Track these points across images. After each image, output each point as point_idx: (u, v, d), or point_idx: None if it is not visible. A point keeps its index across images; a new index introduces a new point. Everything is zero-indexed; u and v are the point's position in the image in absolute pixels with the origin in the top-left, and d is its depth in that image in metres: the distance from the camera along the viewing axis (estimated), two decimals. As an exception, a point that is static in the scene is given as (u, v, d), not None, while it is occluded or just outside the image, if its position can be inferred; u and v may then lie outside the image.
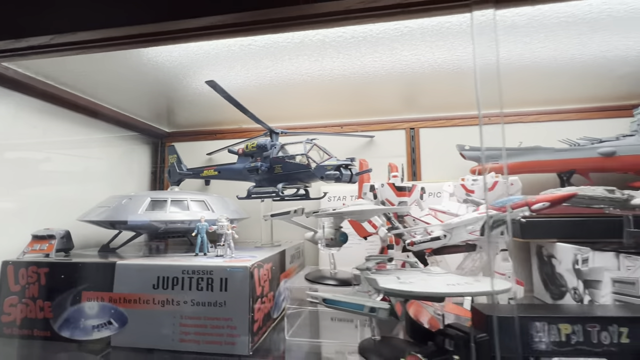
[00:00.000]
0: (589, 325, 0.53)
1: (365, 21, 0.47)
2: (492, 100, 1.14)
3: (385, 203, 0.89)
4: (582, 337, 0.53)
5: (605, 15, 0.57)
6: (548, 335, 0.54)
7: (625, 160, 0.92)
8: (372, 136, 1.19)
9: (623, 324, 0.53)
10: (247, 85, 0.90)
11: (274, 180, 0.96)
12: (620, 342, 0.53)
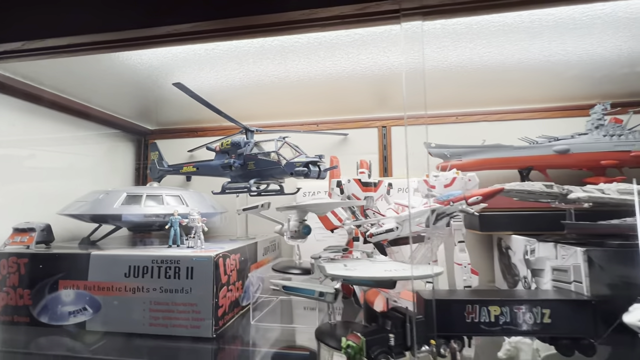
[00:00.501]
0: (516, 307, 0.59)
1: (307, 30, 0.52)
2: (463, 100, 1.20)
3: (351, 198, 0.94)
4: (509, 317, 0.59)
5: (537, 24, 0.62)
6: (479, 316, 0.59)
7: (578, 157, 0.98)
8: (346, 134, 1.24)
9: (545, 306, 0.59)
10: (219, 86, 0.94)
11: (248, 176, 1.01)
12: (542, 322, 0.59)
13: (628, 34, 0.66)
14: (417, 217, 0.69)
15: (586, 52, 0.74)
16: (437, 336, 0.59)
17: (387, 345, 0.54)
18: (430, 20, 0.49)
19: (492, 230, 0.97)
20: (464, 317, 0.59)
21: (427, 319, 0.59)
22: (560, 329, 0.58)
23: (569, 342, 0.58)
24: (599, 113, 0.99)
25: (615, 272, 0.63)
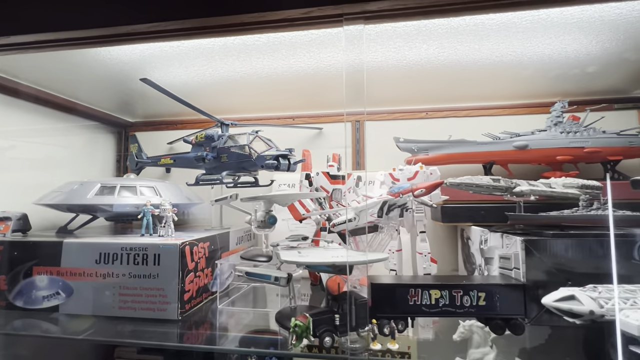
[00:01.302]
0: (455, 291, 0.64)
1: (259, 32, 0.55)
2: (431, 96, 1.23)
3: (319, 190, 0.99)
4: (448, 300, 0.64)
5: (481, 28, 0.65)
6: (421, 299, 0.65)
7: (536, 153, 1.03)
8: (321, 128, 1.27)
9: (481, 290, 0.64)
10: (192, 81, 0.97)
11: (221, 168, 1.04)
12: (478, 305, 0.64)
13: (569, 38, 0.70)
14: (371, 208, 0.74)
15: (535, 54, 0.78)
16: (382, 317, 0.64)
17: (332, 325, 0.60)
18: (371, 24, 0.53)
19: (453, 221, 1.02)
20: (408, 300, 0.64)
21: (375, 301, 0.65)
22: (493, 310, 0.64)
23: (501, 322, 0.64)
24: (558, 111, 1.04)
25: (549, 260, 0.69)
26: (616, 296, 0.52)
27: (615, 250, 0.69)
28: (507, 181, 0.76)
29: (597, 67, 0.86)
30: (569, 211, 0.74)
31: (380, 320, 0.63)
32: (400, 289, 0.65)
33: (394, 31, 0.67)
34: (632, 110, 1.13)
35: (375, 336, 0.60)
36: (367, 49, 0.75)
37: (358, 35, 0.52)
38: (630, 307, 0.51)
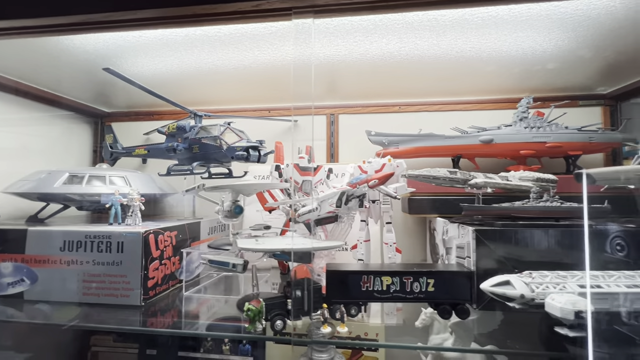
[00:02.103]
0: (405, 277, 0.67)
1: (212, 23, 0.56)
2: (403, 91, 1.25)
3: (289, 181, 1.01)
4: (399, 286, 0.67)
5: (435, 24, 0.67)
6: (373, 285, 0.67)
7: (501, 147, 1.05)
8: (296, 120, 1.29)
9: (430, 277, 0.67)
10: (162, 72, 0.97)
11: (193, 159, 1.05)
12: (427, 290, 0.67)
13: (522, 35, 0.72)
14: (330, 199, 0.76)
15: (493, 50, 0.80)
16: (336, 302, 0.67)
17: (285, 309, 0.62)
18: (321, 18, 0.54)
19: (419, 213, 1.05)
20: (360, 286, 0.67)
21: (330, 287, 0.67)
22: (441, 296, 0.67)
23: (448, 307, 0.67)
24: (524, 106, 1.07)
25: (498, 249, 0.72)
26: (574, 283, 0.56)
27: (564, 240, 0.73)
28: (463, 173, 0.79)
29: (556, 64, 0.89)
30: (520, 203, 0.77)
31: (333, 305, 0.65)
32: (353, 275, 0.67)
33: (351, 25, 0.68)
34: (597, 107, 1.16)
35: (325, 320, 0.63)
36: (329, 42, 0.76)
37: (308, 28, 0.53)
38: (559, 291, 0.54)
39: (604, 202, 0.77)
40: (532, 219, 0.76)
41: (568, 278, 0.57)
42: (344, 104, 1.27)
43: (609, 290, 0.54)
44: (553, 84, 1.10)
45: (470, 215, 0.85)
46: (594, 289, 0.54)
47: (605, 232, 0.74)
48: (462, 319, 0.67)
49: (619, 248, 0.80)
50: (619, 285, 0.55)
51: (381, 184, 0.72)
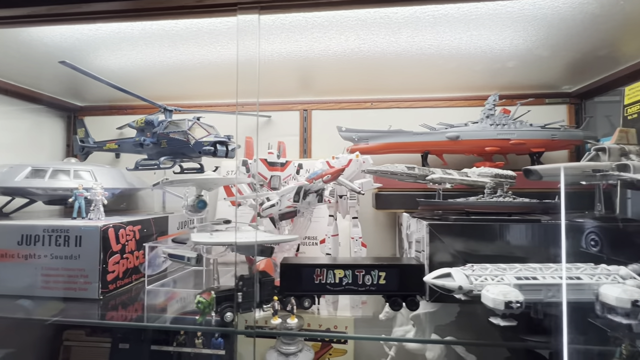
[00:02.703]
0: (357, 270, 0.69)
1: (157, 18, 0.57)
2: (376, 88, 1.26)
3: (256, 176, 1.01)
4: (351, 279, 0.69)
5: (388, 21, 0.68)
6: (326, 278, 0.69)
7: (467, 144, 1.07)
8: (269, 116, 1.29)
9: (382, 270, 0.69)
10: (130, 67, 0.97)
11: (162, 154, 1.05)
12: (378, 283, 0.69)
13: (476, 33, 0.74)
14: (288, 193, 0.77)
15: (452, 47, 0.81)
16: (289, 295, 0.68)
17: (235, 302, 0.63)
18: (266, 14, 0.55)
19: (386, 208, 1.06)
20: (314, 279, 0.69)
21: (283, 280, 0.69)
22: (392, 289, 0.69)
23: (399, 299, 0.69)
24: (490, 104, 1.09)
25: (450, 242, 0.74)
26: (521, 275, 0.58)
27: (514, 234, 0.75)
28: (421, 169, 0.81)
29: (515, 63, 0.91)
30: (474, 198, 0.79)
31: (286, 297, 0.67)
32: (307, 269, 0.68)
33: (306, 22, 0.69)
34: (562, 105, 1.19)
35: (276, 312, 0.64)
36: (288, 39, 0.77)
37: (254, 24, 0.54)
38: (496, 283, 0.56)
39: (556, 197, 0.79)
40: (487, 213, 0.78)
41: (507, 270, 0.59)
42: (318, 99, 1.27)
43: (544, 282, 0.56)
44: (520, 82, 1.12)
45: (431, 210, 0.87)
46: (529, 280, 0.56)
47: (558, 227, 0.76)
48: (412, 310, 0.69)
49: (593, 243, 0.83)
50: (554, 277, 0.57)
51: (334, 179, 0.74)
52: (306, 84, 1.21)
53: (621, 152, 0.80)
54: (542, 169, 0.69)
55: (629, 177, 0.73)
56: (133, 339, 1.22)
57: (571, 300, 0.56)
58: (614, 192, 0.86)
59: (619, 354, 0.75)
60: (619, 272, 0.60)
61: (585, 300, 0.57)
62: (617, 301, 0.53)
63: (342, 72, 1.06)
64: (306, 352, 0.96)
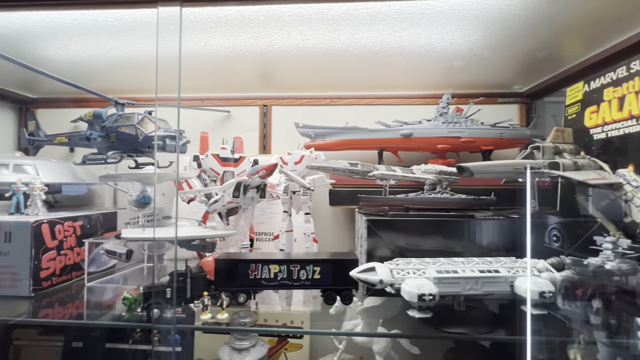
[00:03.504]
0: (292, 265, 0.69)
1: (77, 8, 0.55)
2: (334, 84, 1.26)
3: (208, 172, 1.00)
4: (286, 274, 0.69)
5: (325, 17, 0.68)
6: (261, 273, 0.69)
7: (420, 141, 1.09)
8: (228, 111, 1.28)
9: (316, 265, 0.69)
10: (79, 58, 0.94)
11: (111, 148, 1.03)
12: (313, 278, 0.69)
13: (414, 32, 0.75)
14: (227, 189, 0.77)
15: (397, 45, 0.82)
16: (224, 290, 0.68)
17: (164, 298, 0.63)
18: (188, 7, 0.54)
19: (339, 204, 1.07)
20: (248, 274, 0.69)
21: (217, 276, 0.68)
22: (327, 283, 0.70)
23: (332, 293, 0.70)
24: (444, 102, 1.11)
25: (387, 237, 0.75)
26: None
27: (449, 230, 0.77)
28: (365, 165, 0.82)
29: (462, 62, 0.93)
30: (414, 194, 0.81)
31: (220, 293, 0.67)
32: (241, 264, 0.68)
33: (242, 16, 0.68)
34: (514, 104, 1.22)
35: (205, 307, 0.64)
36: (229, 33, 0.76)
37: (188, 17, 0.53)
38: (417, 276, 0.58)
39: (491, 194, 0.82)
40: (426, 209, 0.79)
41: (430, 265, 0.61)
42: (278, 95, 1.27)
43: (463, 275, 0.58)
44: (473, 81, 1.14)
45: (372, 206, 0.88)
46: (449, 274, 0.58)
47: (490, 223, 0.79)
48: (345, 304, 0.70)
49: (555, 239, 0.86)
50: (473, 270, 0.59)
51: (268, 174, 0.74)
52: (265, 79, 1.21)
53: (555, 150, 0.84)
54: (473, 166, 0.71)
55: (558, 175, 0.76)
56: (87, 337, 1.20)
57: (488, 292, 0.58)
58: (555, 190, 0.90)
59: (576, 344, 0.79)
60: (536, 265, 0.62)
61: (501, 293, 0.59)
62: (527, 293, 0.55)
63: (299, 68, 1.06)
64: (260, 347, 0.96)
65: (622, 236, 0.72)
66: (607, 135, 0.82)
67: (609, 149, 0.82)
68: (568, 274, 0.60)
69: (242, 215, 0.80)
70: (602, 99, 0.84)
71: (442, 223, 0.76)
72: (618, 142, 0.80)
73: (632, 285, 0.63)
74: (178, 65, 0.54)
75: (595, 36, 0.83)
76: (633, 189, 0.75)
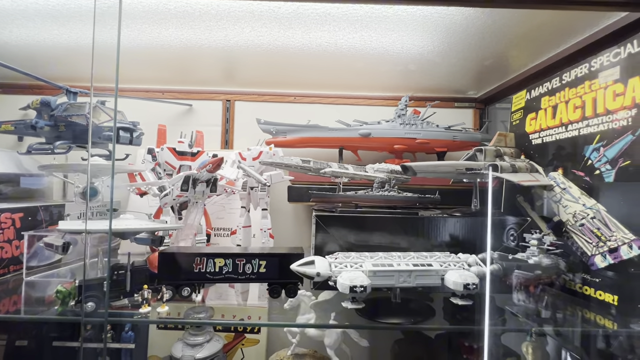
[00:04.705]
0: (238, 259, 0.70)
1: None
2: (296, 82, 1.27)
3: (163, 165, 0.99)
4: (232, 268, 0.69)
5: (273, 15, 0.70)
6: (206, 267, 0.69)
7: (377, 141, 1.13)
8: (190, 105, 1.26)
9: (262, 259, 0.70)
10: (27, 44, 0.89)
11: (60, 138, 0.98)
12: (259, 271, 0.70)
13: (365, 34, 0.77)
14: (177, 182, 0.76)
15: (351, 47, 0.85)
16: (168, 283, 0.68)
17: (101, 291, 0.61)
18: (129, -4, 0.53)
19: (297, 200, 1.09)
20: (193, 267, 0.69)
21: (161, 269, 0.68)
22: (272, 276, 0.71)
23: (277, 287, 0.71)
24: (402, 104, 1.15)
25: (335, 233, 0.78)
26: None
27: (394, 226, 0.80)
28: (317, 163, 0.84)
29: (416, 66, 0.96)
30: (363, 191, 0.84)
31: (159, 286, 0.66)
32: (186, 257, 0.68)
33: (193, 10, 0.67)
34: (469, 109, 1.29)
35: (145, 300, 0.64)
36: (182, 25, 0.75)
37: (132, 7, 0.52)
38: (353, 270, 0.60)
39: (436, 193, 0.86)
40: (375, 207, 0.82)
41: (367, 259, 0.63)
42: (241, 90, 1.26)
43: (396, 269, 0.61)
44: (431, 85, 1.19)
45: (322, 202, 0.90)
46: (384, 267, 0.61)
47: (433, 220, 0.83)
48: (290, 297, 0.72)
49: (512, 238, 0.91)
50: (407, 264, 0.62)
51: (215, 168, 0.74)
52: (228, 74, 1.20)
53: (496, 153, 0.89)
54: (416, 165, 0.74)
55: (496, 176, 0.81)
56: (32, 335, 1.15)
57: (420, 285, 0.62)
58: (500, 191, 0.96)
59: (529, 336, 0.84)
60: (467, 260, 0.66)
61: (433, 285, 0.62)
62: (454, 285, 0.59)
63: (259, 64, 1.06)
64: (214, 343, 0.96)
65: (550, 234, 0.78)
66: (543, 140, 0.89)
67: (544, 153, 0.88)
68: (495, 267, 0.65)
69: (192, 209, 0.79)
70: (540, 107, 0.91)
71: (388, 220, 0.79)
72: (551, 148, 0.86)
73: (551, 278, 0.68)
74: (116, 55, 0.53)
75: (535, 47, 0.89)
76: (561, 191, 0.81)
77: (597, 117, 0.73)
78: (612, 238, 0.68)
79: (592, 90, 0.75)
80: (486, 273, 0.64)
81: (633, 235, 0.64)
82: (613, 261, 0.67)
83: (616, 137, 0.68)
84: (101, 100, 1.02)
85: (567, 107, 0.81)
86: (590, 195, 0.74)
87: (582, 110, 0.77)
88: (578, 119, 0.78)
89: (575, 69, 0.79)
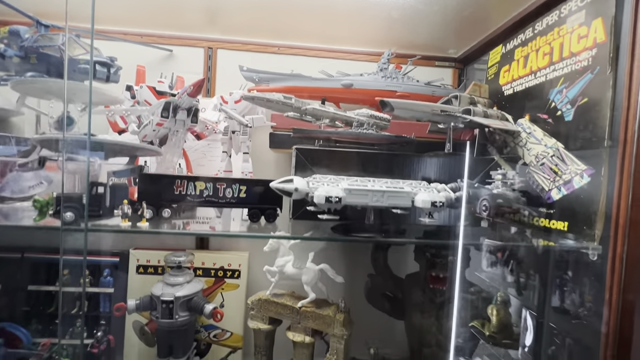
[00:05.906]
0: (218, 184, 0.71)
1: None
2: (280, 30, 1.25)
3: (142, 103, 0.97)
4: (212, 191, 0.71)
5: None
6: (187, 189, 0.71)
7: (359, 92, 1.15)
8: (171, 50, 1.23)
9: (242, 184, 0.72)
10: None
11: (31, 70, 0.94)
12: (239, 196, 0.73)
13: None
14: (156, 109, 0.76)
15: None
16: (148, 203, 0.69)
17: (80, 203, 0.62)
18: None
19: (279, 147, 1.10)
20: (174, 189, 0.70)
21: (141, 189, 0.69)
22: (252, 202, 0.73)
23: (257, 211, 0.74)
24: (385, 58, 1.17)
25: (314, 166, 0.80)
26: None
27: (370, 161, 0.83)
28: (298, 101, 0.85)
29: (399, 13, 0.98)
30: (343, 129, 0.86)
31: (136, 204, 0.67)
32: (167, 179, 0.69)
33: None
34: (449, 68, 1.32)
35: (125, 215, 0.65)
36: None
37: None
38: (331, 187, 0.63)
39: (412, 134, 0.90)
40: (352, 143, 0.85)
41: (344, 180, 0.66)
42: (224, 38, 1.24)
43: (370, 188, 0.65)
44: (414, 41, 1.21)
45: (306, 139, 0.92)
46: (359, 185, 0.64)
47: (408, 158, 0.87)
48: (269, 222, 0.75)
49: (484, 209, 0.96)
50: (381, 186, 0.66)
51: (196, 92, 0.74)
52: (211, 19, 1.17)
53: (470, 101, 0.93)
54: (395, 102, 0.77)
55: (469, 119, 0.85)
56: (5, 278, 1.14)
57: (392, 205, 0.66)
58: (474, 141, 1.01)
59: (495, 300, 0.91)
60: (437, 187, 0.71)
61: (403, 206, 0.66)
62: (422, 203, 0.64)
63: (242, 9, 1.04)
64: (194, 284, 0.98)
65: (516, 174, 0.84)
66: (514, 90, 0.94)
67: (514, 102, 0.93)
68: (461, 194, 0.70)
69: (172, 138, 0.79)
70: (513, 59, 0.95)
71: (367, 155, 0.82)
72: (521, 96, 0.91)
73: (512, 207, 0.74)
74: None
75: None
76: (527, 135, 0.87)
77: (562, 61, 0.78)
78: (566, 171, 0.74)
79: (560, 36, 0.79)
80: (453, 199, 0.69)
81: (585, 166, 0.70)
82: (567, 192, 0.74)
83: (577, 78, 0.73)
84: (76, 34, 0.98)
85: (537, 55, 0.85)
86: (552, 136, 0.80)
87: (550, 57, 0.81)
88: (546, 65, 0.82)
89: (547, 17, 0.83)
